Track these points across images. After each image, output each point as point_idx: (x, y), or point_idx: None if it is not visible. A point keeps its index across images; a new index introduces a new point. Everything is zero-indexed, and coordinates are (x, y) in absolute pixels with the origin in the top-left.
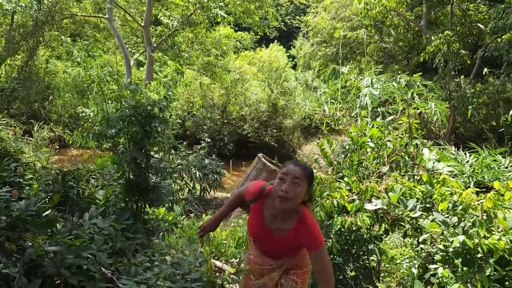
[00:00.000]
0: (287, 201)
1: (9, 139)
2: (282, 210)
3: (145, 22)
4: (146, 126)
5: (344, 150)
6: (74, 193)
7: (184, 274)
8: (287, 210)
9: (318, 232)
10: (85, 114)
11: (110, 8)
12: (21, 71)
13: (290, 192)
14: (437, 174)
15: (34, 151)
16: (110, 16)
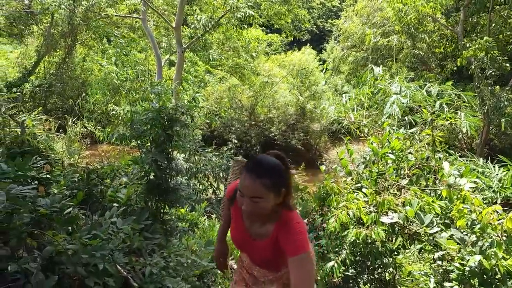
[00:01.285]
0: (253, 216)
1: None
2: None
3: (176, 24)
4: (168, 130)
5: (364, 161)
6: (98, 191)
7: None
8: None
9: (300, 234)
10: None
11: (144, 10)
12: (58, 67)
13: (253, 210)
14: (458, 190)
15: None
16: (144, 17)
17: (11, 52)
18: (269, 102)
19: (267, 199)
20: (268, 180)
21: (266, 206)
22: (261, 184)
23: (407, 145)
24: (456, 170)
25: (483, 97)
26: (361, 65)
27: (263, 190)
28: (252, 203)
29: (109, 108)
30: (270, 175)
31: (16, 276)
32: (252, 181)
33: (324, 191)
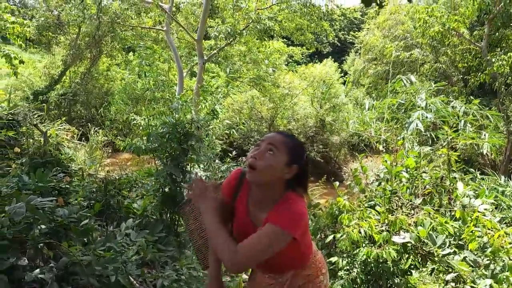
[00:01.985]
0: (255, 172)
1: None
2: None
3: (198, 36)
4: (184, 144)
5: (378, 178)
6: (115, 201)
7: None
8: (259, 184)
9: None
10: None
11: (168, 22)
12: (83, 77)
13: (259, 159)
14: (472, 211)
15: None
16: (168, 29)
17: (39, 61)
18: (288, 114)
19: (280, 157)
20: (290, 141)
21: (273, 163)
22: (282, 139)
23: (422, 164)
24: (472, 190)
25: (507, 113)
26: (381, 78)
27: (282, 144)
28: (264, 150)
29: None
30: (293, 141)
31: (32, 285)
32: (279, 135)
33: (336, 208)
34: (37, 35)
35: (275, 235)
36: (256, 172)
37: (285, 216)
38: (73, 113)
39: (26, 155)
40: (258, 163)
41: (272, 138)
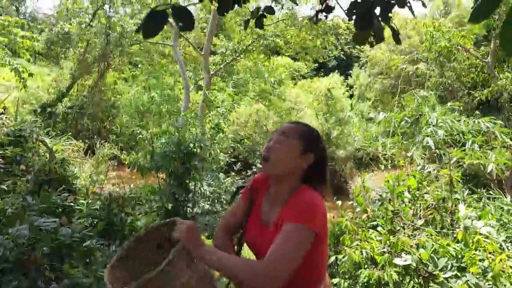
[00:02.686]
0: (269, 163)
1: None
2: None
3: (205, 51)
4: (187, 163)
5: (380, 198)
6: (118, 220)
7: None
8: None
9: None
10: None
11: (175, 37)
12: (90, 90)
13: (272, 150)
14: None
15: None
16: (175, 44)
17: (48, 74)
18: None
19: (292, 144)
20: (302, 128)
21: (285, 153)
22: (293, 126)
23: (424, 184)
24: (475, 212)
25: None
26: (387, 92)
27: (293, 131)
28: (276, 141)
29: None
30: (305, 128)
31: None
32: (292, 124)
33: (338, 228)
34: (46, 49)
35: (300, 234)
36: (269, 163)
37: (300, 210)
38: (79, 126)
39: (32, 172)
40: (271, 154)
41: (284, 127)
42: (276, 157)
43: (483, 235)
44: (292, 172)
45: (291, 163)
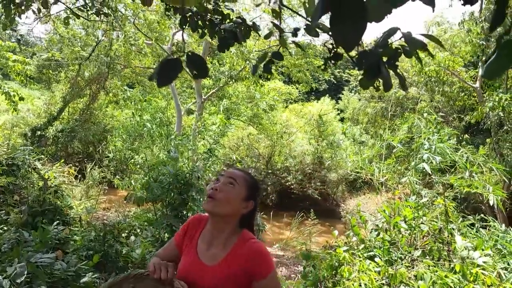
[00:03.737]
0: (215, 202)
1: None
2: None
3: None
4: (184, 194)
5: (376, 228)
6: (113, 251)
7: None
8: (215, 216)
9: (266, 254)
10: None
11: None
12: (82, 113)
13: (220, 190)
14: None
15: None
16: None
17: (39, 98)
18: (286, 151)
19: (239, 190)
20: (248, 177)
21: (233, 196)
22: (242, 174)
23: (420, 214)
24: (470, 242)
25: (502, 152)
26: (379, 116)
27: (242, 179)
28: (225, 184)
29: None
30: (252, 178)
31: None
32: (239, 171)
33: (336, 260)
34: (38, 73)
35: (276, 279)
36: (215, 202)
37: (262, 262)
38: (70, 149)
39: (26, 203)
40: (218, 194)
41: (233, 173)
42: (223, 198)
43: (481, 266)
44: (232, 215)
45: (235, 206)
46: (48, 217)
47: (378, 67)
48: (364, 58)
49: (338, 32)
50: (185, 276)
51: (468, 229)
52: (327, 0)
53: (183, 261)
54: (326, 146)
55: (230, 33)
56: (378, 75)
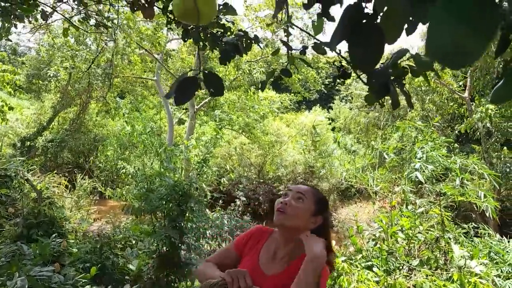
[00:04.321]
0: (285, 215)
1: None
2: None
3: None
4: (182, 205)
5: (374, 238)
6: (110, 263)
7: None
8: (284, 230)
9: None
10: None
11: (158, 73)
12: (72, 123)
13: (290, 205)
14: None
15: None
16: (158, 78)
17: (28, 108)
18: (277, 161)
19: (308, 205)
20: (316, 192)
21: (302, 210)
22: (310, 190)
23: (416, 224)
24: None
25: (491, 161)
26: (372, 124)
27: (310, 194)
28: (294, 198)
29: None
30: (319, 194)
31: None
32: (306, 186)
33: (334, 270)
34: (27, 82)
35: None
36: (285, 216)
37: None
38: (59, 159)
39: (21, 215)
40: (288, 208)
41: (300, 188)
42: (292, 212)
43: (478, 275)
44: (301, 229)
45: (303, 221)
46: (43, 229)
47: (387, 86)
48: (374, 78)
49: (357, 55)
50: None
51: (464, 238)
52: (348, 26)
53: (244, 266)
54: (319, 155)
55: (231, 46)
56: (387, 94)
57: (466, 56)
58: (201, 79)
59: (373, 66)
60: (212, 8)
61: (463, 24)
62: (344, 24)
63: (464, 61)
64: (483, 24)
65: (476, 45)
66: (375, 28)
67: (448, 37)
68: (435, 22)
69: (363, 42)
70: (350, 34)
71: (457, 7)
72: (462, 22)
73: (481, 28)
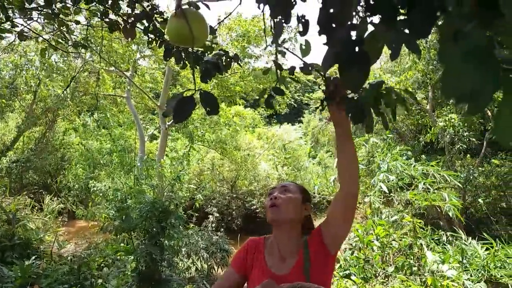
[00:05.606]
0: (279, 209)
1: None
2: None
3: (161, 102)
4: (163, 222)
5: (351, 247)
6: (89, 284)
7: None
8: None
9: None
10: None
11: (128, 89)
12: (38, 142)
13: (279, 198)
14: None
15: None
16: (128, 95)
17: None
18: (250, 175)
19: (296, 194)
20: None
21: (292, 201)
22: (293, 183)
23: (390, 232)
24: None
25: (455, 169)
26: None
27: (294, 186)
28: (281, 191)
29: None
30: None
31: None
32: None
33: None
34: None
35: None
36: (279, 209)
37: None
38: (25, 180)
39: None
40: (279, 201)
41: (283, 183)
42: (285, 203)
43: (450, 278)
44: (296, 218)
45: (297, 209)
46: (18, 251)
47: (363, 113)
48: (350, 107)
49: (347, 77)
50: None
51: (435, 244)
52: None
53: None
54: (291, 170)
55: (212, 64)
56: (362, 120)
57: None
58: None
59: (361, 85)
60: (205, 33)
61: (479, 71)
62: (335, 50)
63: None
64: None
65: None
66: (362, 53)
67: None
68: (453, 69)
69: (352, 66)
70: (340, 59)
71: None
72: (477, 69)
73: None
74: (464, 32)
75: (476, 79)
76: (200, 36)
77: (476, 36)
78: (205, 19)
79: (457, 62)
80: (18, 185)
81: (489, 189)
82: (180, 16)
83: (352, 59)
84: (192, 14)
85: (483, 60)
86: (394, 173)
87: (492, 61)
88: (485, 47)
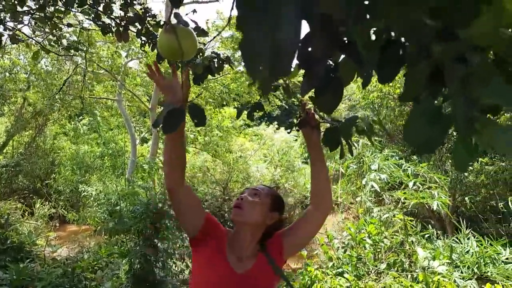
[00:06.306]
0: (242, 211)
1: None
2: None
3: (152, 105)
4: (157, 223)
5: (343, 245)
6: (83, 286)
7: None
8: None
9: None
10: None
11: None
12: (27, 147)
13: (246, 200)
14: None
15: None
16: (119, 98)
17: None
18: (242, 177)
19: (264, 200)
20: (272, 190)
21: (258, 206)
22: (265, 188)
23: (382, 230)
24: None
25: (445, 169)
26: None
27: (265, 190)
28: (250, 195)
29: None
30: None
31: None
32: (262, 185)
33: (308, 278)
34: None
35: None
36: (242, 211)
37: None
38: (14, 184)
39: None
40: (244, 203)
41: (256, 186)
42: (249, 207)
43: (441, 274)
44: (258, 224)
45: (260, 216)
46: (11, 255)
47: (338, 142)
48: (327, 136)
49: (322, 101)
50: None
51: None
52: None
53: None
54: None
55: (204, 67)
56: (337, 146)
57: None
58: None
59: (334, 108)
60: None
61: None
62: (312, 76)
63: (432, 148)
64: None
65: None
66: (336, 78)
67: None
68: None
69: (327, 92)
70: (317, 84)
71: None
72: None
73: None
74: (419, 98)
75: (428, 132)
76: (188, 51)
77: (428, 102)
78: (194, 34)
79: (416, 119)
80: (8, 189)
81: (479, 187)
82: (170, 32)
83: (326, 85)
84: (182, 30)
85: (434, 118)
86: (385, 172)
87: (441, 118)
88: (436, 109)
